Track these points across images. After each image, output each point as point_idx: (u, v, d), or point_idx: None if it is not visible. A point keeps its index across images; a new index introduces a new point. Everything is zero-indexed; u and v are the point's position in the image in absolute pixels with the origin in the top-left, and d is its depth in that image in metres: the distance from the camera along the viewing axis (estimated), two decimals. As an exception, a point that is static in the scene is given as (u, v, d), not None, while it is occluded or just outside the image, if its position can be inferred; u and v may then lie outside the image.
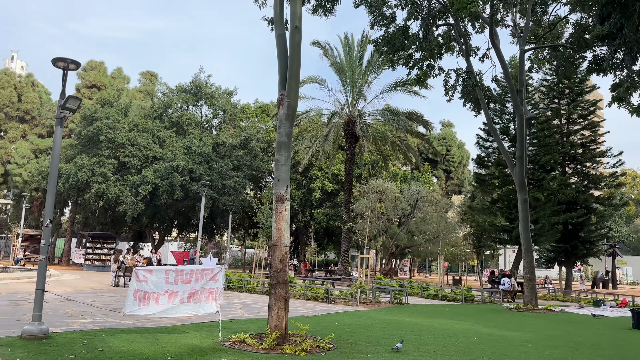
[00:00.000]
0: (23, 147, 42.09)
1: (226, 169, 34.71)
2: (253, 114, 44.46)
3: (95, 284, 22.01)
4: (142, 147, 34.32)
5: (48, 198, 9.40)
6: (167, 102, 39.00)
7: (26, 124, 45.76)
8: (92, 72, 44.42)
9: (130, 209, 31.86)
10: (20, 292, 17.22)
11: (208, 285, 9.05)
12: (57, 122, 9.49)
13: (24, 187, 41.39)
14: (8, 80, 44.84)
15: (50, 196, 9.41)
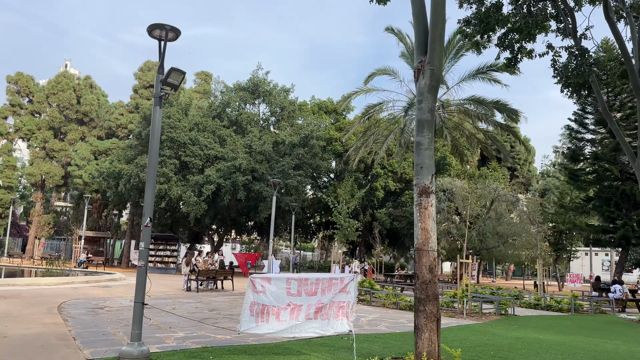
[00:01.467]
0: (83, 149, 42.21)
1: (288, 168, 33.30)
2: (310, 111, 42.99)
3: (166, 288, 20.91)
4: (204, 147, 33.39)
5: (147, 192, 7.97)
6: (226, 101, 38.05)
7: (85, 126, 46.04)
8: (149, 72, 44.16)
9: (194, 210, 30.91)
10: (93, 297, 16.19)
11: (338, 298, 7.34)
12: (156, 101, 8.04)
13: (84, 188, 41.49)
14: (67, 83, 45.24)
15: (150, 189, 7.99)
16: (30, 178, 43.65)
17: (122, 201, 41.52)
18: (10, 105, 44.84)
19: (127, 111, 44.03)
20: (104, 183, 36.02)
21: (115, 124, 43.85)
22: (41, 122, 44.64)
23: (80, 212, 45.02)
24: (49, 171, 42.88)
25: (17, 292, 16.40)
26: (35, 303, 13.90)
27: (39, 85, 46.10)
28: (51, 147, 44.01)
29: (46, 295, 15.88)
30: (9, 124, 44.72)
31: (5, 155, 43.91)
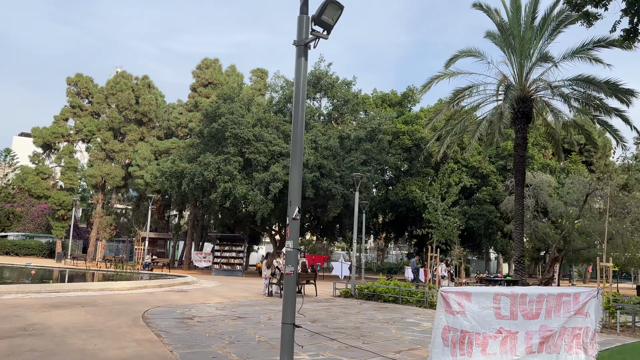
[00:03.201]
0: (143, 149, 41.62)
1: (357, 163, 31.22)
2: (373, 104, 40.78)
3: (245, 292, 19.23)
4: (268, 143, 31.80)
5: (293, 178, 6.00)
6: (287, 95, 36.41)
7: (144, 127, 45.57)
8: (207, 70, 43.19)
9: (261, 209, 29.31)
10: (174, 304, 14.57)
11: (571, 322, 5.14)
12: (300, 51, 6.03)
13: (145, 189, 40.86)
14: (126, 83, 44.91)
15: (297, 174, 6.01)
16: (91, 180, 43.50)
17: (183, 201, 40.68)
18: (71, 106, 44.93)
19: (186, 110, 43.21)
20: (166, 183, 35.08)
21: (174, 123, 43.11)
22: (101, 123, 44.47)
23: (141, 213, 44.60)
24: (109, 172, 42.56)
25: (92, 299, 15.03)
26: (116, 312, 12.36)
27: (98, 87, 46.02)
28: (111, 148, 43.73)
29: (124, 302, 14.40)
30: (69, 126, 44.83)
31: (67, 157, 43.98)
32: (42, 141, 43.23)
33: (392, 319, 13.33)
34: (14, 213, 57.85)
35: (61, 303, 13.55)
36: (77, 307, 12.97)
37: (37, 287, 15.82)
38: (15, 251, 45.71)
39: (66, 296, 15.29)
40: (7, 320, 10.32)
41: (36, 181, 42.39)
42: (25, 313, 11.39)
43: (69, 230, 43.18)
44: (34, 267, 29.45)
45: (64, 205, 42.64)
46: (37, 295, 14.93)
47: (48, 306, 12.81)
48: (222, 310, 13.57)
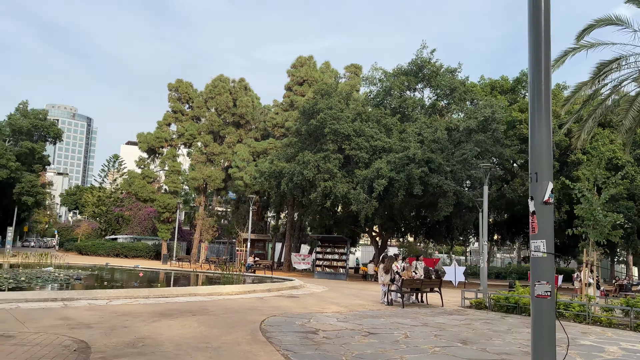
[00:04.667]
0: (242, 150, 41.45)
1: (470, 156, 28.18)
2: (481, 92, 37.23)
3: (359, 299, 17.27)
4: (369, 138, 29.76)
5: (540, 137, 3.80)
6: (387, 87, 34.19)
7: (241, 129, 45.59)
8: (302, 67, 42.16)
9: (364, 208, 27.32)
10: (289, 313, 12.91)
11: None
12: None
13: (244, 190, 40.59)
14: (223, 86, 45.20)
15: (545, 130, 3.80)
16: (193, 182, 44.19)
17: (282, 202, 39.89)
18: (173, 112, 46.06)
19: (281, 110, 42.51)
20: (265, 183, 34.30)
21: (270, 124, 42.57)
22: (201, 127, 45.12)
23: (240, 215, 44.59)
24: (210, 175, 42.94)
25: (202, 305, 13.82)
26: (230, 323, 10.88)
27: (197, 91, 46.83)
28: (211, 151, 44.15)
29: (235, 310, 12.99)
30: (172, 130, 45.95)
31: (170, 161, 45.10)
32: (147, 146, 44.68)
33: (559, 339, 10.59)
34: (123, 217, 61.11)
35: (171, 311, 12.40)
36: (187, 315, 11.70)
37: (145, 291, 14.99)
38: (125, 253, 47.75)
39: (175, 302, 14.25)
40: (114, 332, 9.13)
41: (142, 185, 43.85)
42: (133, 323, 10.22)
43: (174, 233, 44.18)
44: (141, 269, 29.78)
45: (168, 208, 43.70)
46: (145, 301, 14.00)
47: (157, 314, 11.65)
48: (345, 323, 11.66)
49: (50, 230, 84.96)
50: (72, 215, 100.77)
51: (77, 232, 66.05)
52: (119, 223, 61.04)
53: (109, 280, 21.47)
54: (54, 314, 11.02)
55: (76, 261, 34.85)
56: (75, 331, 8.99)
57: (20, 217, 54.05)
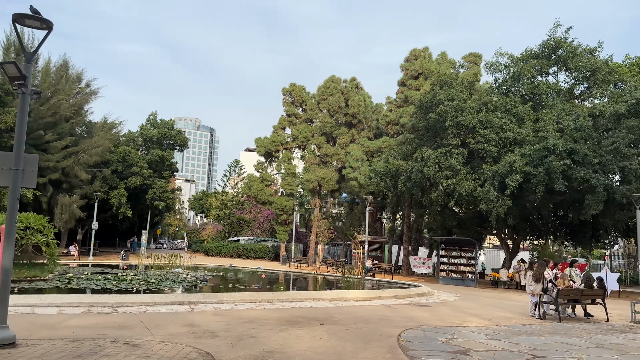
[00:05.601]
0: (355, 150, 40.44)
1: (623, 145, 24.18)
2: (628, 72, 32.24)
3: (502, 311, 15.09)
4: (498, 129, 26.95)
5: None
6: (516, 73, 30.93)
7: (354, 129, 44.66)
8: (416, 60, 40.10)
9: (496, 207, 24.65)
10: (425, 324, 11.31)
11: None
12: None
13: (358, 191, 39.51)
14: (335, 87, 44.61)
15: None
16: (307, 184, 44.16)
17: (399, 202, 38.20)
18: (287, 115, 46.53)
19: (395, 106, 40.83)
20: (381, 183, 32.84)
21: (384, 122, 41.09)
22: (314, 129, 44.99)
23: (354, 217, 43.64)
24: (324, 176, 42.55)
25: (327, 312, 12.76)
26: (362, 335, 9.61)
27: (310, 94, 46.86)
28: (324, 152, 43.80)
29: (365, 320, 11.71)
30: (287, 134, 46.42)
31: (286, 164, 45.55)
32: (264, 150, 45.59)
33: None
34: (244, 219, 63.50)
35: (297, 318, 11.47)
36: (315, 324, 10.66)
37: (269, 295, 14.34)
38: (246, 254, 49.24)
39: (300, 307, 13.38)
40: (241, 343, 8.29)
41: (261, 188, 44.79)
42: (260, 332, 9.37)
43: (291, 234, 44.51)
44: (263, 270, 29.98)
45: (285, 210, 44.14)
46: (270, 306, 13.30)
47: (284, 322, 10.76)
48: (497, 341, 9.79)
49: (180, 233, 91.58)
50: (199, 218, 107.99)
51: (203, 234, 70.11)
52: (241, 225, 63.52)
53: (233, 281, 21.50)
54: (180, 319, 10.61)
55: (203, 262, 36.30)
56: (200, 341, 8.32)
57: (154, 221, 58.47)
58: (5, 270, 7.20)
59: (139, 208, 47.66)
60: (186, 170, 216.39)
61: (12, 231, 7.34)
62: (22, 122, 7.46)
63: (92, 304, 11.70)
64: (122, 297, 12.47)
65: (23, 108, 7.48)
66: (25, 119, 7.48)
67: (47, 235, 18.18)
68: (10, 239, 7.31)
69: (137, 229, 53.80)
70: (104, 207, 42.42)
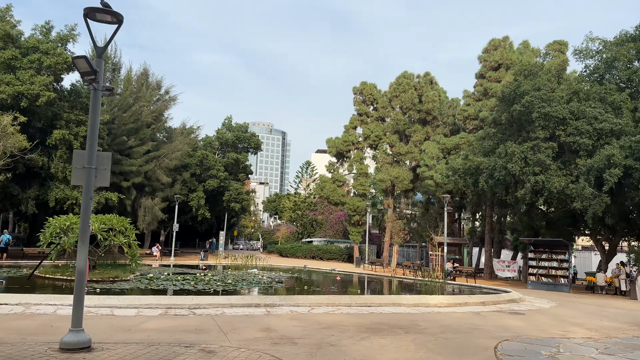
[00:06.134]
0: (430, 148, 38.86)
1: None
2: None
3: (607, 320, 13.37)
4: (592, 120, 24.55)
5: None
6: (609, 59, 28.16)
7: (428, 125, 43.02)
8: (496, 51, 37.87)
9: (592, 205, 22.38)
10: (522, 335, 10.05)
11: None
12: None
13: (434, 190, 37.90)
14: (408, 83, 43.24)
15: None
16: (380, 184, 43.12)
17: (479, 201, 36.18)
18: (358, 115, 45.77)
19: (473, 100, 38.82)
20: (460, 181, 31.14)
21: (461, 117, 39.20)
22: (386, 127, 43.87)
23: (430, 217, 41.96)
24: (397, 175, 41.30)
25: (411, 319, 11.83)
26: (454, 347, 8.62)
27: (381, 92, 45.81)
28: (397, 151, 42.55)
29: (454, 329, 10.66)
30: (358, 133, 45.66)
31: (358, 164, 44.78)
32: (335, 150, 45.12)
33: None
34: (317, 220, 63.47)
35: (378, 325, 10.66)
36: (399, 333, 9.79)
37: (346, 299, 13.62)
38: (320, 255, 49.00)
39: (380, 313, 12.55)
40: (321, 352, 7.62)
41: (333, 189, 44.35)
42: (340, 340, 8.67)
43: (364, 236, 43.66)
44: (338, 272, 29.39)
45: (357, 211, 43.38)
46: (348, 310, 12.58)
47: (364, 329, 9.99)
48: (611, 356, 8.43)
49: (256, 234, 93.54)
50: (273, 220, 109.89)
51: (277, 235, 70.98)
52: (313, 226, 63.57)
53: (309, 283, 21.05)
54: (257, 322, 10.15)
55: (277, 263, 36.37)
56: (278, 348, 7.75)
57: (231, 223, 59.90)
58: (79, 271, 7.02)
59: (217, 210, 48.86)
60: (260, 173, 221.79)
61: (86, 232, 7.16)
62: (94, 119, 7.27)
63: (170, 306, 11.57)
64: (199, 298, 12.29)
65: (95, 104, 7.30)
66: (97, 115, 7.30)
67: (129, 237, 18.63)
68: (84, 239, 7.13)
69: (216, 230, 55.32)
70: (184, 209, 43.85)
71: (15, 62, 27.02)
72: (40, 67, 27.83)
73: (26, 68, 27.06)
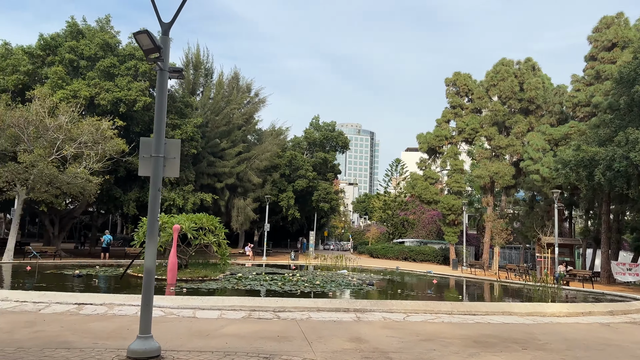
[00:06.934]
0: (535, 139, 35.45)
1: None
2: None
3: None
4: None
5: None
6: None
7: (531, 115, 39.41)
8: (609, 29, 33.65)
9: None
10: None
11: None
12: None
13: (541, 185, 34.45)
14: (507, 70, 39.96)
15: None
16: (478, 181, 40.25)
17: (594, 197, 32.37)
18: (451, 107, 43.21)
19: (583, 85, 34.86)
20: (571, 175, 27.82)
21: (570, 104, 35.41)
22: (483, 119, 40.90)
23: (536, 216, 38.31)
24: (497, 171, 38.22)
25: (526, 331, 10.06)
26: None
27: (476, 82, 42.88)
28: (497, 144, 39.43)
29: (583, 345, 8.78)
30: (452, 127, 43.10)
31: (452, 160, 42.21)
32: (427, 146, 42.93)
33: None
34: (408, 220, 61.27)
35: (486, 337, 9.07)
36: (514, 348, 8.18)
37: (447, 305, 12.08)
38: (413, 257, 46.97)
39: (487, 323, 10.89)
40: (423, 374, 6.32)
41: (425, 186, 42.21)
42: (443, 356, 7.28)
43: (461, 236, 41.03)
44: (434, 275, 27.52)
45: (453, 210, 40.84)
46: (449, 319, 11.07)
47: (472, 343, 8.49)
48: None
49: (346, 234, 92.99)
50: (363, 220, 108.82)
51: (367, 235, 69.70)
52: (405, 227, 61.49)
53: (402, 286, 19.60)
54: (345, 330, 9.04)
55: (368, 264, 35.17)
56: (369, 365, 6.56)
57: (320, 223, 59.69)
58: (148, 271, 6.35)
59: (306, 210, 48.72)
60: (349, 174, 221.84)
61: (154, 227, 6.48)
62: (161, 102, 6.59)
63: (254, 308, 10.84)
64: (284, 300, 11.46)
65: (162, 86, 6.62)
66: (164, 98, 6.61)
67: (219, 236, 18.44)
68: (152, 236, 6.45)
69: (306, 230, 55.34)
70: (275, 209, 44.11)
71: (114, 69, 28.44)
72: (136, 73, 29.08)
73: (124, 75, 28.38)
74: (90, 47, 28.79)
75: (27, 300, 10.18)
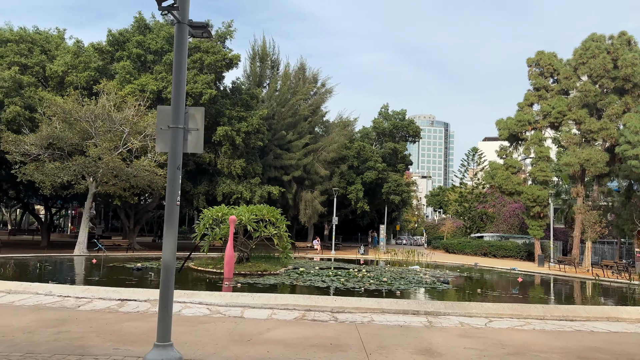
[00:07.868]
0: (634, 121, 31.41)
1: None
2: None
3: None
4: None
5: None
6: None
7: (627, 95, 35.08)
8: None
9: None
10: None
11: None
12: None
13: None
14: (598, 46, 35.83)
15: None
16: (566, 169, 36.49)
17: None
18: (534, 89, 39.57)
19: (695, 55, 30.35)
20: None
21: (676, 79, 31.01)
22: (572, 101, 37.03)
23: (635, 207, 34.12)
24: (589, 158, 34.40)
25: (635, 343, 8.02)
26: None
27: (562, 61, 38.97)
28: (587, 128, 35.49)
29: None
30: (535, 111, 39.51)
31: (536, 146, 38.65)
32: (508, 133, 39.63)
33: None
34: (487, 214, 57.62)
35: (593, 352, 7.19)
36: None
37: (538, 309, 10.19)
38: (493, 252, 43.86)
39: (590, 331, 8.93)
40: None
41: (505, 176, 39.01)
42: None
43: (547, 230, 37.54)
44: (518, 272, 25.02)
45: (538, 201, 37.39)
46: (542, 326, 9.21)
47: (574, 358, 6.69)
48: None
49: (419, 229, 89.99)
50: (437, 214, 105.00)
51: (442, 230, 66.64)
52: (483, 220, 57.93)
53: (482, 285, 17.60)
54: (413, 338, 7.54)
55: (442, 259, 33.05)
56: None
57: (392, 217, 57.67)
58: (166, 267, 5.26)
59: (376, 203, 47.06)
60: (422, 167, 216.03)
61: (173, 212, 5.38)
62: (180, 61, 5.50)
63: (309, 308, 9.62)
64: (344, 300, 10.15)
65: (180, 42, 5.53)
66: (183, 57, 5.51)
67: (280, 228, 17.47)
68: (171, 222, 5.35)
69: (377, 224, 53.66)
70: (343, 202, 42.88)
71: (180, 62, 28.40)
72: (202, 66, 28.92)
73: (190, 68, 28.29)
74: (156, 41, 29.02)
75: (70, 295, 9.65)
